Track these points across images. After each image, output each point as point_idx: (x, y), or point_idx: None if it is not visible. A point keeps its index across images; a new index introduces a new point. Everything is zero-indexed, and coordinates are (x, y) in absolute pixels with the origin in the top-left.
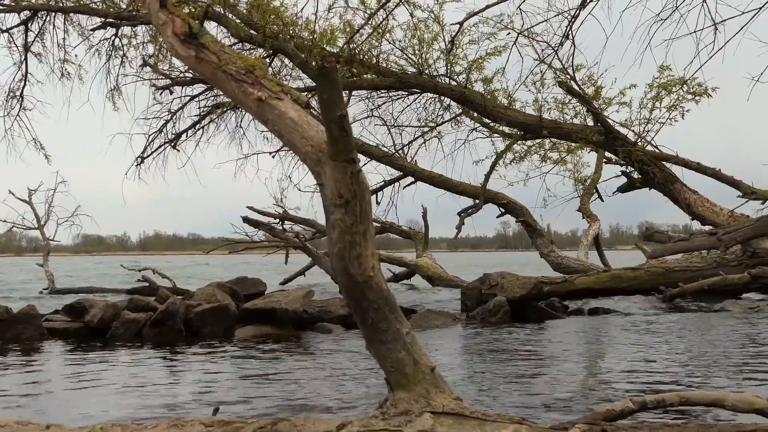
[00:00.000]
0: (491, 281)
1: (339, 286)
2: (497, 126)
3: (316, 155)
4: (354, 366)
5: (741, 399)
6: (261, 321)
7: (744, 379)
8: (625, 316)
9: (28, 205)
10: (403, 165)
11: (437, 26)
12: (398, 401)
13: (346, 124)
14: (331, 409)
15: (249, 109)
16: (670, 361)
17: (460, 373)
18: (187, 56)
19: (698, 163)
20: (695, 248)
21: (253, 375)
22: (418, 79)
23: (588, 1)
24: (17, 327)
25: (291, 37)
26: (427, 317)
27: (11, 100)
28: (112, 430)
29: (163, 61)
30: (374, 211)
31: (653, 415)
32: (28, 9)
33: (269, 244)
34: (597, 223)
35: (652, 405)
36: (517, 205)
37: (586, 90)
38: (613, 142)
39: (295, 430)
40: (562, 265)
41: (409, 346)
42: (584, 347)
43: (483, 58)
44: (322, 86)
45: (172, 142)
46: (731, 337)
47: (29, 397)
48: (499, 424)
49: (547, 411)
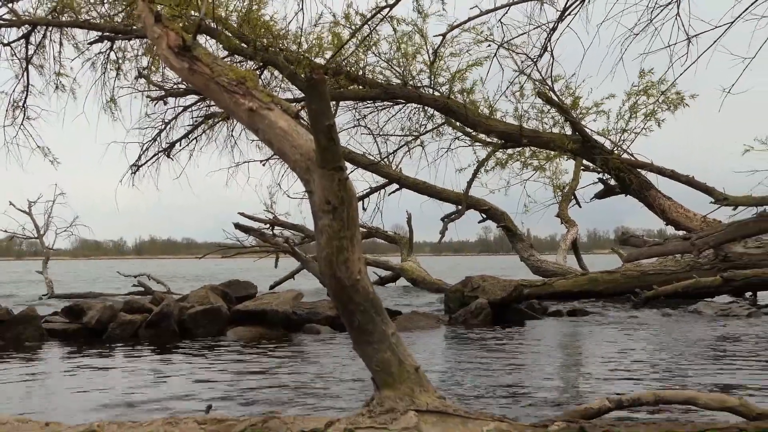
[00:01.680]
0: (473, 284)
1: (327, 289)
2: (479, 135)
3: (305, 163)
4: (341, 366)
5: (713, 398)
6: (252, 322)
7: (716, 378)
8: (602, 317)
9: (28, 216)
10: (388, 172)
11: (421, 38)
12: (384, 400)
13: (333, 133)
14: (320, 407)
15: (240, 119)
16: (645, 360)
17: (444, 372)
18: (180, 68)
19: (672, 171)
20: (669, 252)
21: (245, 374)
22: (402, 90)
23: (566, 15)
24: (18, 328)
25: (281, 49)
26: (411, 319)
27: (15, 110)
28: (109, 427)
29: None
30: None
31: (629, 414)
32: (28, 23)
33: (260, 248)
34: (575, 228)
35: (628, 403)
36: (498, 210)
37: (565, 100)
38: (591, 151)
39: (285, 428)
40: (541, 269)
41: (394, 346)
42: (563, 347)
43: (465, 69)
44: (311, 97)
45: (166, 151)
46: (704, 337)
47: (29, 396)
48: (481, 422)
49: (527, 409)
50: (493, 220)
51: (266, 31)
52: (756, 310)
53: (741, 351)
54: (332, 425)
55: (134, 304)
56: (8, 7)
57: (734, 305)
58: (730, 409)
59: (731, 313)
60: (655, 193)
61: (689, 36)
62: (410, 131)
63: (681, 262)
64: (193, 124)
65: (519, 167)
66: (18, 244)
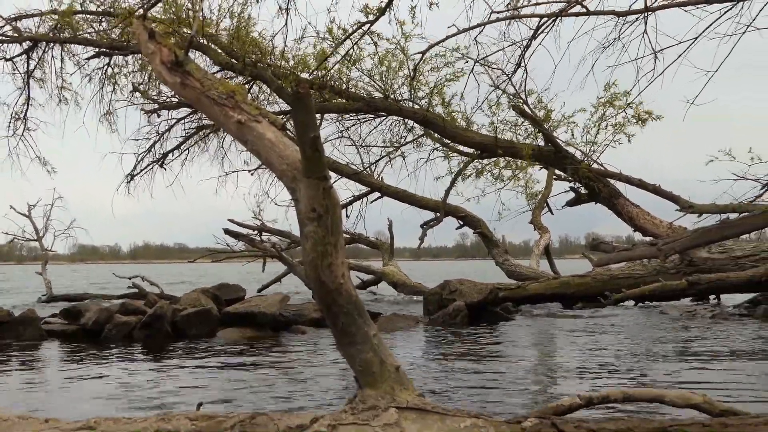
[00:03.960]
0: (451, 287)
1: (312, 292)
2: (456, 146)
3: (291, 173)
4: (326, 365)
5: (679, 395)
6: (241, 323)
7: (681, 377)
8: (573, 319)
9: (28, 219)
10: (370, 181)
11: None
12: (366, 397)
13: (318, 144)
14: (305, 405)
15: (230, 131)
16: (614, 360)
17: (423, 371)
18: (173, 82)
19: (640, 180)
20: (637, 257)
21: (234, 373)
22: (384, 104)
23: (539, 33)
24: (18, 328)
25: (268, 65)
26: (392, 320)
27: (16, 121)
28: (105, 423)
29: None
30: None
31: (599, 410)
32: (29, 40)
33: (248, 253)
34: (547, 234)
35: (597, 401)
36: (474, 217)
37: (538, 113)
38: (562, 161)
39: (272, 424)
40: (515, 273)
41: (376, 347)
42: (536, 347)
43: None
44: (297, 110)
45: (160, 160)
46: (670, 338)
47: (29, 393)
48: (458, 418)
49: (502, 406)
50: (470, 226)
51: (255, 47)
52: (719, 312)
53: (705, 351)
54: (317, 421)
55: (129, 307)
56: (11, 24)
57: (699, 307)
58: (695, 406)
59: (696, 315)
60: (624, 201)
61: (655, 51)
62: (391, 142)
63: (648, 267)
64: (185, 135)
65: (494, 176)
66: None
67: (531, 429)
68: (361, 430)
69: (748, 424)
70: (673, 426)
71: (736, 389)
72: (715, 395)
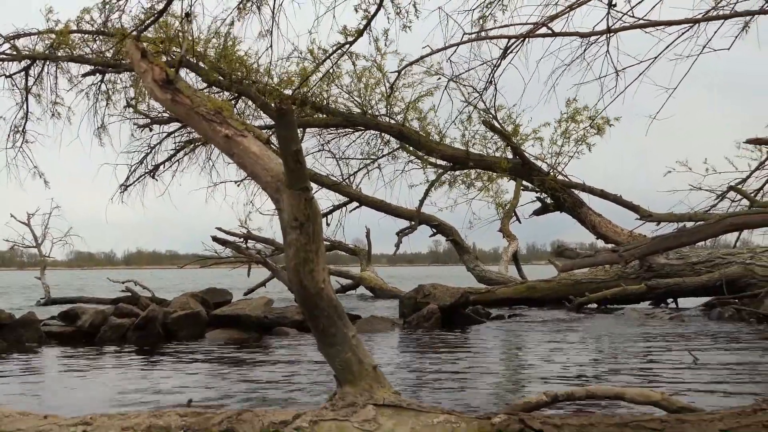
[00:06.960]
0: (425, 291)
1: (295, 296)
2: (430, 158)
3: (275, 184)
4: (307, 365)
5: (639, 393)
6: (228, 325)
7: (641, 375)
8: (540, 321)
9: (27, 227)
10: (349, 192)
11: (378, 72)
12: (345, 395)
13: (300, 157)
14: (288, 402)
15: (218, 145)
16: (578, 359)
17: (399, 370)
18: (164, 99)
19: (602, 190)
20: (600, 263)
21: (222, 372)
22: (362, 118)
23: (508, 53)
24: (19, 330)
25: (253, 82)
26: (370, 322)
27: (15, 134)
28: (101, 419)
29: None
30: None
31: (564, 407)
32: (28, 58)
33: (235, 259)
34: (515, 241)
35: (563, 398)
36: (447, 226)
37: (507, 127)
38: (530, 172)
39: (257, 419)
40: (485, 278)
41: (354, 347)
42: (505, 348)
43: (417, 100)
44: (280, 125)
45: (152, 172)
46: (630, 339)
47: (29, 391)
48: (432, 414)
49: (473, 402)
50: (443, 234)
51: (240, 65)
52: (676, 315)
53: (663, 351)
54: (299, 417)
55: (123, 309)
56: (10, 43)
57: (657, 310)
58: (654, 403)
59: (655, 317)
60: (587, 211)
61: (617, 69)
62: (369, 155)
63: (610, 272)
64: (175, 148)
65: (465, 187)
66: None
67: (500, 425)
68: (340, 425)
69: (704, 420)
70: (633, 422)
71: (693, 386)
72: (673, 392)
